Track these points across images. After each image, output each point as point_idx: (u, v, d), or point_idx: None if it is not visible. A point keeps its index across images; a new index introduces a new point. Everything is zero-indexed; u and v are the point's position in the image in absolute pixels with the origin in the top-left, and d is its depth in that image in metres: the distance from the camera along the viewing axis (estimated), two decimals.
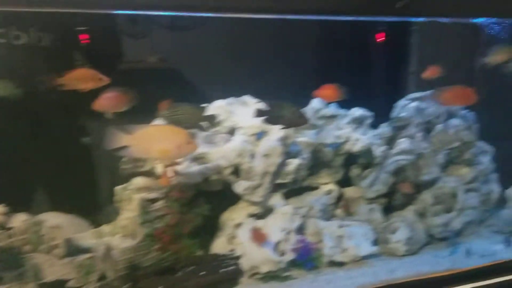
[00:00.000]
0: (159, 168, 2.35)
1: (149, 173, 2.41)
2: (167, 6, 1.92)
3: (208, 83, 2.94)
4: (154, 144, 1.90)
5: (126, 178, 2.43)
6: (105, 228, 2.38)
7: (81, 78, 2.06)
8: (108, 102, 2.02)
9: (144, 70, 2.95)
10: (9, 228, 1.83)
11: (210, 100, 2.58)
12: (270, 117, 2.20)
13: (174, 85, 2.93)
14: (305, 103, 2.74)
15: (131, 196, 2.32)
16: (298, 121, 2.23)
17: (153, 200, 2.32)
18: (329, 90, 2.44)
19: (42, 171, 2.50)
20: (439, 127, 2.83)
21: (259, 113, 2.21)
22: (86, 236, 2.30)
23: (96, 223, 2.43)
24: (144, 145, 1.90)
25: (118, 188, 2.39)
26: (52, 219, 2.06)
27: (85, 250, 2.13)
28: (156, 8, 1.93)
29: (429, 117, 2.85)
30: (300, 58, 3.07)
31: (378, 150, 2.74)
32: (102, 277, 2.11)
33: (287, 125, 2.28)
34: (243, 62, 2.99)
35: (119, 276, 2.17)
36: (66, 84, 2.05)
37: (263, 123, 2.31)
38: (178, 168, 2.28)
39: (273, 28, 2.88)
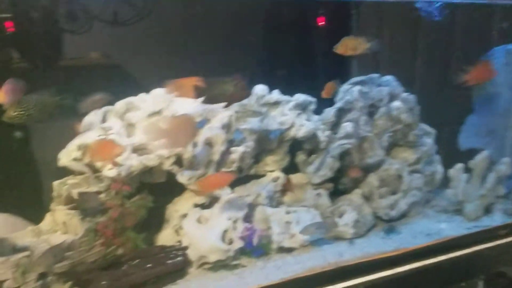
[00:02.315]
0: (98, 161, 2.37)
1: (88, 166, 2.43)
2: None
3: (150, 74, 2.99)
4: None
5: (64, 172, 2.45)
6: (43, 225, 2.37)
7: None
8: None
9: (85, 67, 2.94)
10: None
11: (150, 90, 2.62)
12: (211, 95, 2.19)
13: (116, 80, 2.95)
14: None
15: (70, 191, 2.33)
16: (242, 94, 2.23)
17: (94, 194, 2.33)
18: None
19: None
20: (382, 110, 3.01)
21: (198, 92, 2.20)
22: (23, 235, 2.29)
23: (34, 221, 2.42)
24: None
25: (56, 182, 2.39)
26: None
27: (22, 249, 2.13)
28: None
29: (372, 100, 3.02)
30: (238, 42, 3.14)
31: (323, 135, 2.88)
32: (42, 276, 2.12)
33: (231, 101, 2.28)
34: (183, 50, 3.05)
35: (61, 273, 2.20)
36: None
37: (203, 106, 2.32)
38: (118, 159, 2.31)
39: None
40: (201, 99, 2.24)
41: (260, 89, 2.83)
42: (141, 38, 3.07)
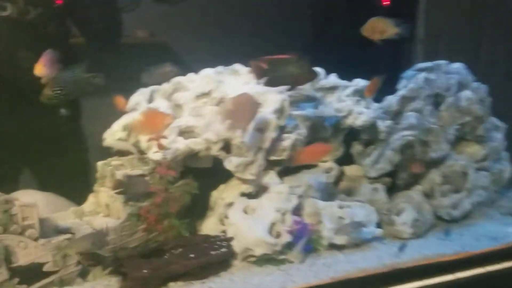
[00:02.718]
0: (143, 142, 2.27)
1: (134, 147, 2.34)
2: None
3: (197, 54, 2.89)
4: None
5: (109, 152, 2.37)
6: (86, 207, 2.31)
7: None
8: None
9: (133, 45, 2.87)
10: None
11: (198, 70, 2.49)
12: (273, 77, 2.00)
13: (163, 59, 2.87)
14: None
15: (114, 172, 2.24)
16: (308, 77, 2.03)
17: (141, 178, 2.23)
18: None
19: (14, 145, 2.42)
20: (449, 100, 2.76)
21: (260, 73, 2.00)
22: (65, 216, 2.23)
23: (77, 201, 2.36)
24: None
25: (100, 163, 2.31)
26: (24, 197, 1.98)
27: (63, 231, 2.06)
28: None
29: (439, 89, 2.78)
30: (293, 22, 2.98)
31: (383, 125, 2.67)
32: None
33: (295, 84, 2.08)
34: (232, 30, 2.93)
35: (102, 258, 2.13)
36: None
37: (263, 87, 2.14)
38: (164, 142, 2.19)
39: None
40: (262, 80, 2.04)
41: None
42: (192, 17, 2.98)
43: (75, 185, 2.48)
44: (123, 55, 2.81)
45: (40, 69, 1.82)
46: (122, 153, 2.37)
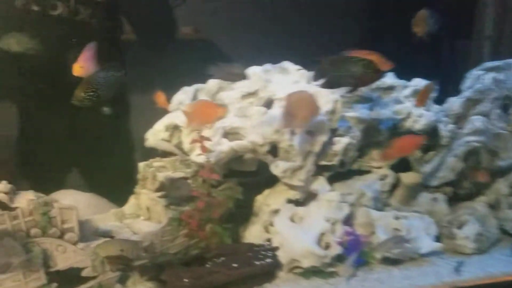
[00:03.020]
0: (186, 144, 2.16)
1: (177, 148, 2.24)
2: None
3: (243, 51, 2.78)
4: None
5: (152, 153, 2.28)
6: (126, 209, 2.23)
7: None
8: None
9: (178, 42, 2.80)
10: (14, 209, 1.68)
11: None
12: (333, 77, 1.85)
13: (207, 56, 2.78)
14: None
15: (155, 174, 2.15)
16: (373, 77, 1.87)
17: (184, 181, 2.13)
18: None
19: (55, 142, 2.37)
20: None
21: (321, 72, 1.86)
22: (105, 218, 2.16)
23: (118, 203, 2.29)
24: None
25: (141, 164, 2.22)
26: (65, 198, 1.92)
27: (103, 234, 1.98)
28: None
29: (509, 91, 2.54)
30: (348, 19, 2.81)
31: (445, 129, 2.46)
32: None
33: (358, 85, 1.92)
34: (280, 27, 2.79)
35: (141, 265, 2.04)
36: None
37: (313, 86, 1.99)
38: (208, 144, 2.08)
39: None
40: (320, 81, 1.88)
41: None
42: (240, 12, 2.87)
43: (117, 186, 2.41)
44: (170, 52, 2.74)
45: (78, 69, 1.73)
46: (164, 154, 2.27)
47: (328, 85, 1.89)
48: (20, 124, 2.30)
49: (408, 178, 2.54)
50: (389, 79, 2.48)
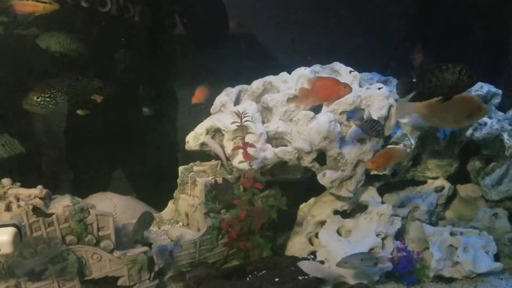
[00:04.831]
0: (228, 149, 2.01)
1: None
2: None
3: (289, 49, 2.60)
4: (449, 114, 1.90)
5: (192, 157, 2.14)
6: (165, 214, 2.11)
7: None
8: None
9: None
10: (49, 215, 1.58)
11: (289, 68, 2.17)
12: (424, 88, 1.72)
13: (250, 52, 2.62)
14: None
15: (195, 179, 2.01)
16: (468, 83, 1.74)
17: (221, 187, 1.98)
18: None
19: (93, 142, 2.25)
20: None
21: (406, 87, 1.75)
22: None
23: (157, 208, 2.17)
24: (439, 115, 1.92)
25: (181, 168, 2.09)
26: (102, 202, 1.80)
27: (141, 241, 1.85)
28: None
29: None
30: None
31: (509, 139, 2.19)
32: (157, 274, 1.85)
33: (452, 93, 1.78)
34: (330, 23, 2.59)
35: (179, 273, 1.91)
36: None
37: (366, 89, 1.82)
38: (251, 150, 1.91)
39: None
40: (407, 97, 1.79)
41: None
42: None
43: (157, 189, 2.29)
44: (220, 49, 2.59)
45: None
46: (205, 157, 2.13)
47: (419, 97, 1.76)
48: (57, 125, 2.21)
49: (466, 190, 2.30)
50: None
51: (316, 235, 2.08)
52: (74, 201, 1.63)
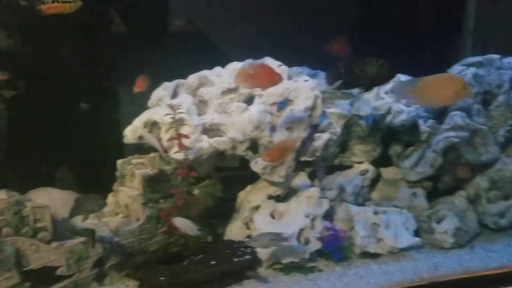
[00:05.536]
0: (165, 141, 2.07)
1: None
2: None
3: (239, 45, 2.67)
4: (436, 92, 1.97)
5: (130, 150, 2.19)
6: (105, 207, 2.14)
7: None
8: None
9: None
10: None
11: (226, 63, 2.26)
12: (349, 78, 1.91)
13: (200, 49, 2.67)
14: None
15: (134, 171, 2.06)
16: (388, 76, 1.94)
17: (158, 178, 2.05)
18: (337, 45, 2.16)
19: (30, 138, 2.25)
20: (500, 98, 2.47)
21: (334, 76, 1.93)
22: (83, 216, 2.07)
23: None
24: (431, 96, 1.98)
25: (119, 161, 2.14)
26: (41, 196, 1.83)
27: (80, 232, 1.89)
28: None
29: (489, 86, 2.48)
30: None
31: (425, 125, 2.40)
32: (98, 264, 1.89)
33: (372, 85, 1.99)
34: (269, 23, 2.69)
35: (118, 263, 1.96)
36: None
37: (285, 85, 1.96)
38: (186, 142, 1.99)
39: None
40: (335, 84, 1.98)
41: None
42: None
43: (96, 182, 2.32)
44: (161, 45, 2.62)
45: None
46: (143, 151, 2.18)
47: (345, 86, 1.92)
48: None
49: (388, 173, 2.49)
50: None
51: (252, 220, 2.19)
52: (9, 194, 1.66)
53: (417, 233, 2.29)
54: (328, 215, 2.22)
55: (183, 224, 1.91)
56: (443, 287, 2.05)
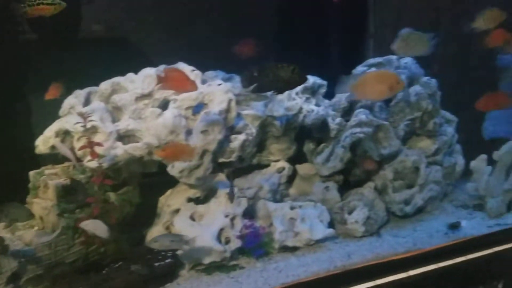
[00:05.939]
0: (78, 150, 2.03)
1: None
2: None
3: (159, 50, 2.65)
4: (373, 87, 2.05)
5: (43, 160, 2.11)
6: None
7: None
8: None
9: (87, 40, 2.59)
10: None
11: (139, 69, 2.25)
12: (263, 82, 2.02)
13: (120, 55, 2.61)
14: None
15: (47, 182, 2.00)
16: (299, 81, 2.08)
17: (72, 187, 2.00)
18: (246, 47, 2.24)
19: None
20: (399, 95, 2.63)
21: (249, 80, 2.03)
22: None
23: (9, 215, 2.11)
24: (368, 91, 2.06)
25: (32, 173, 2.06)
26: None
27: None
28: None
29: None
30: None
31: (333, 123, 2.53)
32: (13, 278, 1.81)
33: (285, 88, 2.11)
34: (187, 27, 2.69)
35: (35, 276, 1.89)
36: None
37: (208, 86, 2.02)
38: (99, 149, 1.96)
39: None
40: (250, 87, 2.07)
41: None
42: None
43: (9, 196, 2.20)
44: (78, 51, 2.53)
45: None
46: (57, 161, 2.12)
47: (259, 89, 2.06)
48: None
49: (303, 169, 2.59)
50: None
51: (173, 223, 2.20)
52: None
53: (331, 225, 2.40)
54: (248, 213, 2.28)
55: (92, 226, 1.87)
56: (355, 273, 2.16)
